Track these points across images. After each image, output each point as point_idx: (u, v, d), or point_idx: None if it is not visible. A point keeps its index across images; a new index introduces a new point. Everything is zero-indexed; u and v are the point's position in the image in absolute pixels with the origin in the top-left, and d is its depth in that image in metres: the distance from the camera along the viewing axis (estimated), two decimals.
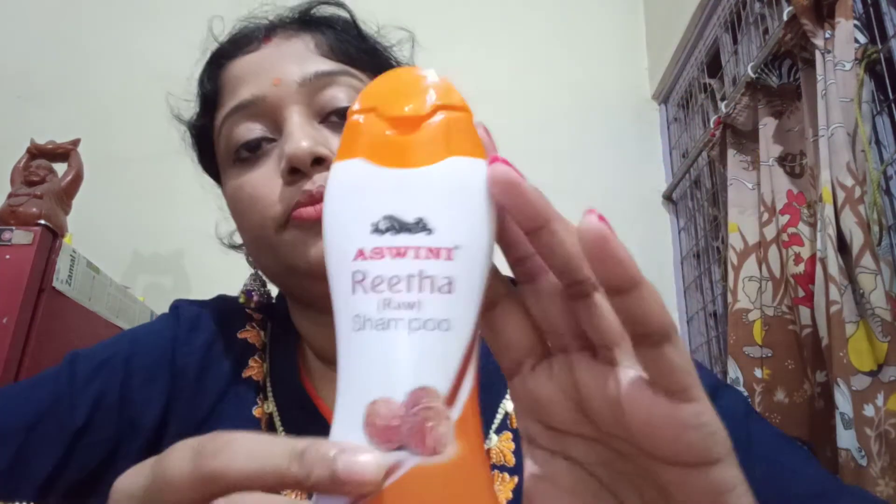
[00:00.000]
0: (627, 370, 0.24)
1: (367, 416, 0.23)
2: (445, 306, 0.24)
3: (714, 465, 0.23)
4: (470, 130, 0.26)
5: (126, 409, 0.49)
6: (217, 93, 0.53)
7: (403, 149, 0.25)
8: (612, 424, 0.25)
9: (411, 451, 0.22)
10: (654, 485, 0.25)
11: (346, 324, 0.24)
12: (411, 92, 0.27)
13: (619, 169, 1.70)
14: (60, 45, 1.82)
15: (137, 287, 1.58)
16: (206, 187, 0.59)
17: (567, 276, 0.25)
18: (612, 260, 0.22)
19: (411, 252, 0.24)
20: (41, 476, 0.45)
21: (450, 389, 0.23)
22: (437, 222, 0.24)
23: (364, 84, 0.51)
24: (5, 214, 1.07)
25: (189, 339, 0.53)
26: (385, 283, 0.24)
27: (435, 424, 0.23)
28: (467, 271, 0.24)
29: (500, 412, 0.50)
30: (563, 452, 0.27)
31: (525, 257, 0.26)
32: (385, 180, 0.25)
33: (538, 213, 0.24)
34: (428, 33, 0.62)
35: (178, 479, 0.21)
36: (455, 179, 0.25)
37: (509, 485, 0.46)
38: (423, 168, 0.25)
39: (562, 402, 0.26)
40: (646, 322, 0.22)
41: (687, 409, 0.23)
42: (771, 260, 1.06)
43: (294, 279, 0.48)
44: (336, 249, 0.25)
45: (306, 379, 0.53)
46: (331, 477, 0.21)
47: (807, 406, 0.95)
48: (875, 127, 0.94)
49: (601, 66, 1.83)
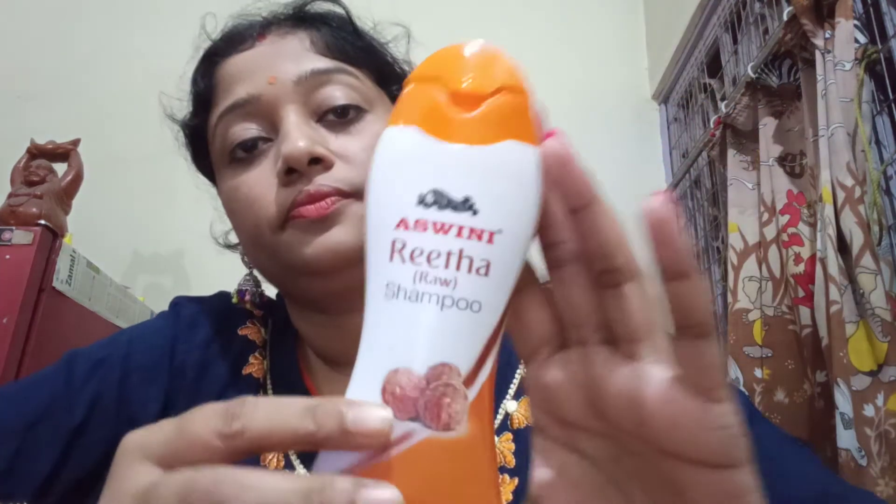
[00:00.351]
0: (652, 366, 0.24)
1: (385, 382, 0.23)
2: (479, 288, 0.24)
3: (733, 468, 0.23)
4: (527, 115, 0.26)
5: (124, 409, 0.49)
6: (211, 91, 0.52)
7: (461, 125, 0.25)
8: (628, 420, 0.24)
9: (424, 424, 0.23)
10: (665, 483, 0.25)
11: (378, 289, 0.24)
12: (477, 67, 0.26)
13: (619, 169, 1.70)
14: (60, 45, 1.82)
15: (137, 287, 1.58)
16: (202, 187, 0.58)
17: (602, 262, 0.24)
18: (676, 243, 0.21)
19: (454, 230, 0.24)
20: (39, 476, 0.45)
21: (470, 370, 0.24)
22: (484, 204, 0.24)
23: (361, 82, 0.50)
24: (5, 214, 1.07)
25: (188, 337, 0.53)
26: (424, 256, 0.24)
27: (452, 401, 0.23)
28: (505, 257, 0.24)
29: (501, 413, 0.49)
30: (573, 445, 0.27)
31: (557, 242, 0.26)
32: (438, 153, 0.25)
33: (585, 190, 0.24)
34: (427, 33, 0.61)
35: (204, 437, 0.22)
36: (508, 163, 0.25)
37: (509, 486, 0.46)
38: (477, 147, 0.25)
39: (575, 396, 0.26)
40: (693, 312, 0.22)
41: (714, 409, 0.22)
42: (771, 260, 1.06)
43: (292, 279, 0.48)
44: (379, 213, 0.25)
45: (307, 377, 0.53)
46: (340, 429, 0.21)
47: (807, 406, 0.95)
48: (875, 127, 0.94)
49: (601, 66, 1.83)
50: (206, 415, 0.23)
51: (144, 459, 0.23)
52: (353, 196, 0.45)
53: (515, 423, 0.49)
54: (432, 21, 0.63)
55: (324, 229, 0.44)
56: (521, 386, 0.51)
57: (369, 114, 0.49)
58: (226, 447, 0.22)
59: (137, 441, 0.23)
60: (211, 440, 0.22)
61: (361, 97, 0.49)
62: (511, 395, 0.50)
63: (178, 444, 0.22)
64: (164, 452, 0.22)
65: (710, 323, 0.22)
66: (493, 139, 0.25)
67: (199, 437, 0.22)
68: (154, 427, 0.23)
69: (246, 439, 0.22)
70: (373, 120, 0.49)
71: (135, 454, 0.23)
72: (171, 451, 0.22)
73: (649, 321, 0.24)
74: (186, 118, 0.56)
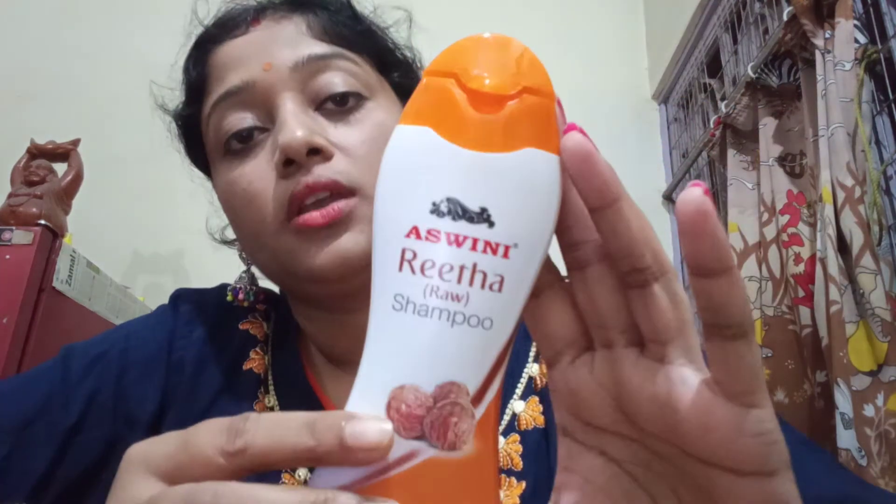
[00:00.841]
0: (682, 368, 0.23)
1: (391, 398, 0.22)
2: (492, 304, 0.23)
3: (770, 476, 0.22)
4: (551, 120, 0.24)
5: (121, 405, 0.48)
6: (204, 80, 0.50)
7: (480, 128, 0.23)
8: (656, 424, 0.23)
9: (429, 443, 0.22)
10: (696, 488, 0.24)
11: (385, 300, 0.23)
12: (499, 64, 0.24)
13: (619, 169, 1.65)
14: (60, 45, 1.82)
15: (137, 287, 1.58)
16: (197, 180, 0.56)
17: (628, 262, 0.23)
18: (710, 239, 0.20)
19: (468, 242, 0.23)
20: (36, 475, 0.44)
21: (479, 388, 0.23)
22: (501, 216, 0.23)
23: (361, 68, 0.48)
24: (5, 214, 1.07)
25: (187, 332, 0.52)
26: (435, 269, 0.23)
27: (459, 421, 0.22)
28: (520, 272, 0.23)
29: (508, 413, 0.48)
30: (599, 448, 0.26)
31: (579, 242, 0.25)
32: (455, 159, 0.23)
33: (609, 188, 0.22)
34: (426, 33, 0.61)
35: (207, 454, 0.22)
36: (528, 174, 0.23)
37: (516, 490, 0.44)
38: (497, 154, 0.23)
39: (601, 399, 0.25)
40: (727, 312, 0.21)
41: (750, 414, 0.21)
42: (771, 260, 1.06)
43: (295, 282, 0.47)
44: (389, 219, 0.24)
45: (310, 374, 0.51)
46: (340, 444, 0.21)
47: (807, 406, 0.95)
48: (875, 127, 0.94)
49: (601, 66, 1.83)
50: (209, 431, 0.22)
51: (148, 473, 0.23)
52: (352, 192, 0.43)
53: (523, 425, 0.47)
54: (431, 22, 0.62)
55: (331, 236, 0.43)
56: (528, 385, 0.49)
57: (369, 101, 0.47)
58: (228, 464, 0.22)
59: (142, 453, 0.23)
60: (214, 457, 0.22)
61: (361, 84, 0.47)
62: (518, 395, 0.49)
63: (181, 459, 0.22)
64: (168, 467, 0.22)
65: (747, 323, 0.21)
66: (513, 146, 0.23)
67: (202, 453, 0.22)
68: (159, 440, 0.23)
69: (248, 457, 0.21)
70: (373, 108, 0.47)
71: (139, 467, 0.23)
72: (175, 465, 0.22)
73: (679, 321, 0.23)
74: (179, 108, 0.54)
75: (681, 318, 0.23)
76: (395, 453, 0.22)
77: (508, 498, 0.44)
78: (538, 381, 0.49)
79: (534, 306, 0.26)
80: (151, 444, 0.23)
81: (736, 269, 0.21)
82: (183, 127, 0.54)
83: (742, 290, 0.21)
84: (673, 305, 0.23)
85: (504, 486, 0.44)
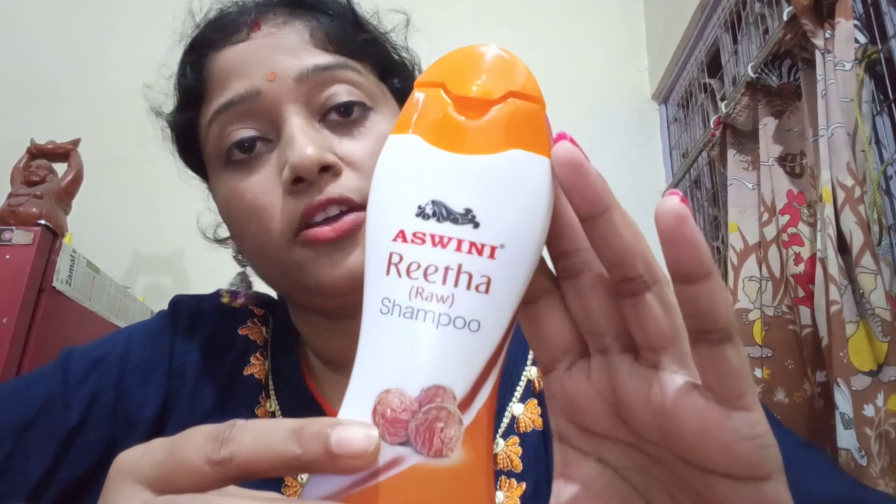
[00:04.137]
0: (674, 375, 0.23)
1: (377, 403, 0.22)
2: (478, 306, 0.23)
3: (764, 480, 0.22)
4: (539, 124, 0.24)
5: (121, 409, 0.48)
6: (202, 86, 0.48)
7: (464, 133, 0.24)
8: (652, 431, 0.24)
9: (415, 449, 0.22)
10: (692, 494, 0.24)
11: (373, 305, 0.23)
12: (485, 72, 0.24)
13: (619, 169, 1.70)
14: (60, 45, 1.82)
15: (137, 287, 1.58)
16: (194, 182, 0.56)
17: (620, 270, 0.23)
18: (689, 244, 0.20)
19: (453, 243, 0.23)
20: (35, 477, 0.44)
21: (467, 393, 0.22)
22: (486, 217, 0.23)
23: (364, 77, 0.48)
24: (5, 214, 1.07)
25: (187, 338, 0.52)
26: (420, 271, 0.23)
27: (445, 426, 0.22)
28: (508, 273, 0.23)
29: (507, 416, 0.47)
30: (596, 454, 0.26)
31: (570, 251, 0.25)
32: (440, 163, 0.23)
33: (600, 197, 0.22)
34: (425, 34, 0.61)
35: (194, 463, 0.22)
36: (513, 174, 0.23)
37: (517, 491, 0.44)
38: (480, 156, 0.23)
39: (598, 405, 0.25)
40: (712, 317, 0.21)
41: (740, 418, 0.22)
42: (771, 260, 1.06)
43: (300, 293, 0.47)
44: (378, 225, 0.24)
45: (309, 379, 0.51)
46: (325, 452, 0.21)
47: (807, 406, 0.95)
48: (875, 127, 0.94)
49: (601, 66, 1.83)
50: (196, 439, 0.22)
51: (135, 481, 0.22)
52: (362, 207, 0.43)
53: (522, 427, 0.47)
54: (430, 23, 0.62)
55: (341, 251, 0.42)
56: (527, 388, 0.49)
57: (373, 112, 0.47)
58: (214, 473, 0.21)
59: (131, 462, 0.23)
60: (201, 466, 0.21)
61: (365, 94, 0.47)
62: (517, 398, 0.48)
63: (168, 468, 0.22)
64: (156, 476, 0.22)
65: (731, 327, 0.21)
66: (497, 148, 0.23)
67: (189, 462, 0.22)
68: (147, 448, 0.23)
69: (234, 466, 0.21)
70: (377, 120, 0.47)
71: (127, 476, 0.23)
72: (162, 475, 0.22)
73: (672, 329, 0.23)
74: (174, 113, 0.53)
75: (673, 325, 0.23)
76: (381, 459, 0.22)
77: (509, 499, 0.44)
78: (536, 384, 0.49)
79: (530, 312, 0.26)
80: (139, 452, 0.23)
81: (717, 273, 0.21)
82: (177, 131, 0.53)
83: (725, 293, 0.22)
84: (665, 313, 0.23)
85: (505, 488, 0.44)
